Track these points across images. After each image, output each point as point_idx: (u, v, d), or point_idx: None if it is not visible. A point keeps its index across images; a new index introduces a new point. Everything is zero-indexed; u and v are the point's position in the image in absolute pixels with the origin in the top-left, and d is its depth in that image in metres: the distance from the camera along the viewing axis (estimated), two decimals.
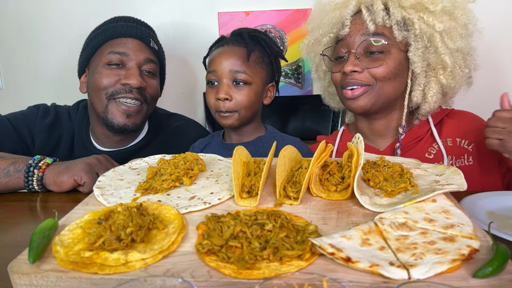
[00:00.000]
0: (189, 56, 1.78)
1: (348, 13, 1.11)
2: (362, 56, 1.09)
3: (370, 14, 1.07)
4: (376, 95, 1.11)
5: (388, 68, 1.07)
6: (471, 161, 1.14)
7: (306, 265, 0.53)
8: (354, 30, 1.10)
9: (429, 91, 1.11)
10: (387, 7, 1.08)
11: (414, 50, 1.07)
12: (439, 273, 0.49)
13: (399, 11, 1.06)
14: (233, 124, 1.14)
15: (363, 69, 1.08)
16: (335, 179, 0.78)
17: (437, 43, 1.05)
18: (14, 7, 1.78)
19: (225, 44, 1.15)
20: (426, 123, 1.20)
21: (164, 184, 0.80)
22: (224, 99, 1.10)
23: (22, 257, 0.57)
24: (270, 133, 1.22)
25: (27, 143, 1.30)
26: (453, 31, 1.06)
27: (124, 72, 1.21)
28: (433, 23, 1.04)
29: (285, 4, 1.70)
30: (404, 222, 0.61)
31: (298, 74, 1.78)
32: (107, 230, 0.59)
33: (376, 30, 1.07)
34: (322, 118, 1.69)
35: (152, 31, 1.35)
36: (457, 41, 1.06)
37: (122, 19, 1.28)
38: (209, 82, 1.15)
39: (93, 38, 1.25)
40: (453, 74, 1.10)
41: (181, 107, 1.84)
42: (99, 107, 1.23)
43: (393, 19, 1.06)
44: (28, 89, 1.87)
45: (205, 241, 0.57)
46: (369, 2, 1.09)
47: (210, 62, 1.16)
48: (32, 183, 1.01)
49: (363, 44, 1.08)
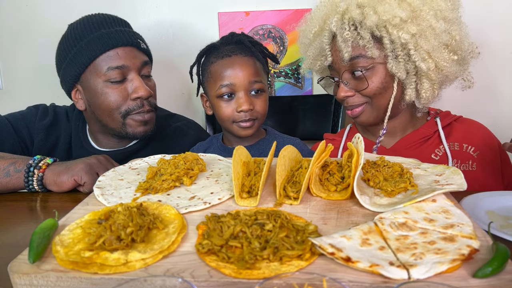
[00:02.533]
0: (189, 56, 1.77)
1: (325, 43, 1.14)
2: (350, 80, 1.13)
3: (343, 42, 1.08)
4: (375, 109, 1.15)
5: (375, 85, 1.11)
6: (475, 167, 1.15)
7: (306, 265, 0.53)
8: (336, 58, 1.14)
9: (422, 88, 1.11)
10: (356, 28, 1.08)
11: (392, 61, 1.07)
12: (439, 273, 0.49)
13: (366, 32, 1.06)
14: (253, 133, 1.16)
15: (354, 93, 1.13)
16: (335, 179, 0.78)
17: (410, 51, 1.05)
18: (14, 7, 1.78)
19: (232, 55, 1.12)
20: (434, 124, 1.21)
21: (164, 184, 0.80)
22: (248, 110, 1.11)
23: (22, 257, 0.57)
24: (271, 135, 1.23)
25: (26, 144, 1.30)
26: (425, 31, 1.04)
27: (128, 85, 1.19)
28: (398, 35, 1.03)
29: (285, 4, 1.70)
30: (404, 222, 0.61)
31: (298, 74, 1.78)
32: (107, 230, 0.59)
33: (353, 53, 1.08)
34: (322, 118, 1.69)
35: (131, 27, 1.30)
36: (430, 40, 1.04)
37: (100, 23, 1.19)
38: (222, 96, 1.12)
39: (78, 54, 1.17)
40: (439, 69, 1.09)
41: (181, 108, 1.84)
42: (113, 124, 1.22)
43: (364, 40, 1.06)
44: (28, 89, 1.87)
45: (205, 241, 0.57)
46: (339, 31, 1.09)
47: (220, 75, 1.11)
48: (32, 183, 1.01)
49: (346, 71, 1.12)
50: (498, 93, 1.67)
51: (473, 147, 1.17)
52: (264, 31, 1.73)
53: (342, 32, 1.08)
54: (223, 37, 1.19)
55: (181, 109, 1.81)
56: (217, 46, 1.17)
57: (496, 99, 1.67)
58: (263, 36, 1.74)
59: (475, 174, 1.14)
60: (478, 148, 1.17)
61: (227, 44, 1.16)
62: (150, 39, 1.73)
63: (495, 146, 1.18)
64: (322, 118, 1.69)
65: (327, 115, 1.68)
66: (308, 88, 1.79)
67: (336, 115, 1.67)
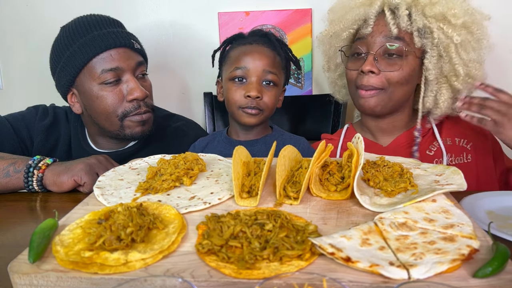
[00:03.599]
0: (189, 56, 1.78)
1: (372, 13, 1.12)
2: (380, 58, 1.12)
3: (393, 17, 1.10)
4: (387, 99, 1.14)
5: (403, 74, 1.11)
6: (470, 159, 1.18)
7: (306, 265, 0.53)
8: (376, 30, 1.12)
9: (441, 97, 1.15)
10: (410, 13, 1.10)
11: (429, 58, 1.11)
12: (439, 273, 0.49)
13: (421, 18, 1.09)
14: (255, 122, 1.16)
15: (380, 72, 1.11)
16: (335, 179, 0.78)
17: (452, 54, 1.09)
18: (14, 7, 1.78)
19: (254, 43, 1.15)
20: (426, 122, 1.23)
21: (164, 184, 0.80)
22: (256, 97, 1.12)
23: (22, 257, 0.57)
24: (277, 132, 1.25)
25: (26, 144, 1.30)
26: (467, 44, 1.10)
27: (124, 86, 1.18)
28: (451, 34, 1.08)
29: (285, 4, 1.70)
30: (404, 222, 0.61)
31: (298, 74, 1.78)
32: (107, 230, 0.59)
33: (398, 34, 1.09)
34: (322, 118, 1.69)
35: (124, 27, 1.29)
36: (470, 53, 1.10)
37: (92, 25, 1.19)
38: (234, 78, 1.14)
39: (71, 57, 1.16)
40: (464, 82, 1.14)
41: (181, 107, 1.84)
42: (110, 127, 1.22)
43: (415, 26, 1.09)
44: (28, 89, 1.87)
45: (205, 241, 0.57)
46: (394, 5, 1.11)
47: (238, 59, 1.14)
48: (32, 183, 1.01)
49: (383, 47, 1.11)
50: None
51: (465, 139, 1.19)
52: None
53: (398, 8, 1.09)
54: (253, 30, 1.23)
55: (181, 109, 1.81)
56: (243, 36, 1.21)
57: None
58: None
59: (471, 166, 1.16)
60: (471, 140, 1.19)
61: (253, 35, 1.20)
62: (150, 39, 1.74)
63: (487, 133, 1.20)
64: (322, 118, 1.69)
65: (327, 115, 1.68)
66: (308, 88, 1.79)
67: (336, 115, 1.67)
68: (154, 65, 1.71)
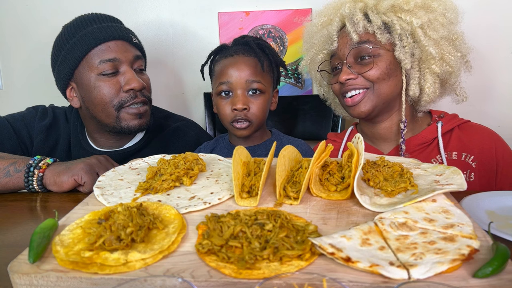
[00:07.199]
0: (189, 56, 1.78)
1: (334, 30, 1.18)
2: (353, 64, 1.15)
3: (353, 26, 1.12)
4: (375, 97, 1.15)
5: (379, 69, 1.12)
6: (472, 178, 1.15)
7: (306, 265, 0.53)
8: (342, 43, 1.17)
9: (425, 83, 1.15)
10: (367, 16, 1.13)
11: (400, 49, 1.11)
12: (439, 273, 0.49)
13: (378, 17, 1.11)
14: (247, 134, 1.18)
15: (357, 75, 1.14)
16: (335, 179, 0.78)
17: (420, 37, 1.10)
18: (14, 7, 1.78)
19: (235, 54, 1.16)
20: (434, 130, 1.19)
21: (164, 184, 0.80)
22: (243, 109, 1.13)
23: (22, 257, 0.57)
24: (276, 136, 1.26)
25: (26, 145, 1.30)
26: (433, 22, 1.11)
27: (121, 78, 1.19)
28: (410, 20, 1.09)
29: (285, 4, 1.70)
30: (404, 222, 0.61)
31: (298, 74, 1.78)
32: (107, 230, 0.59)
33: (361, 39, 1.13)
34: (322, 118, 1.69)
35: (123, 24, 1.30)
36: (439, 30, 1.11)
37: (92, 20, 1.21)
38: (221, 93, 1.16)
39: (71, 50, 1.18)
40: (445, 61, 1.13)
41: (181, 107, 1.84)
42: (107, 119, 1.22)
43: (375, 25, 1.11)
44: (28, 89, 1.87)
45: (205, 241, 0.57)
46: (350, 16, 1.14)
47: (221, 73, 1.16)
48: (32, 183, 1.01)
49: (352, 53, 1.14)
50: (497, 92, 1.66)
51: (472, 155, 1.15)
52: (264, 31, 1.73)
53: (353, 16, 1.12)
54: (235, 38, 1.23)
55: (180, 109, 1.81)
56: (226, 47, 1.21)
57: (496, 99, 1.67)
58: (263, 36, 1.73)
59: (472, 186, 1.13)
60: (477, 157, 1.15)
61: (235, 45, 1.21)
62: (150, 39, 1.75)
63: (493, 155, 1.15)
64: (322, 118, 1.69)
65: (327, 115, 1.68)
66: (308, 88, 1.79)
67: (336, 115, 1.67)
68: (154, 65, 1.72)
